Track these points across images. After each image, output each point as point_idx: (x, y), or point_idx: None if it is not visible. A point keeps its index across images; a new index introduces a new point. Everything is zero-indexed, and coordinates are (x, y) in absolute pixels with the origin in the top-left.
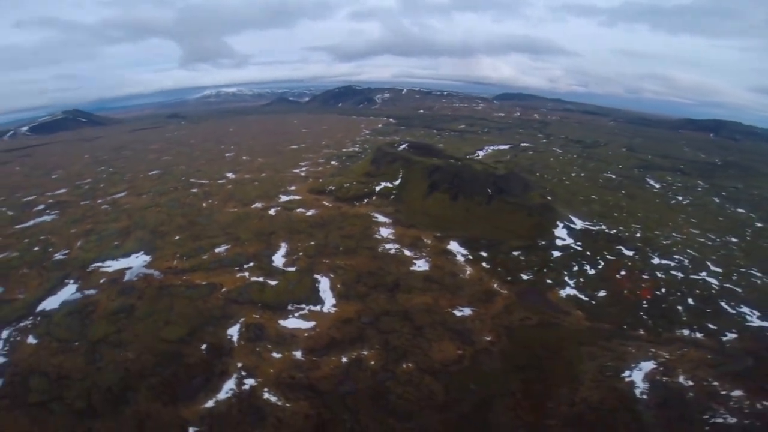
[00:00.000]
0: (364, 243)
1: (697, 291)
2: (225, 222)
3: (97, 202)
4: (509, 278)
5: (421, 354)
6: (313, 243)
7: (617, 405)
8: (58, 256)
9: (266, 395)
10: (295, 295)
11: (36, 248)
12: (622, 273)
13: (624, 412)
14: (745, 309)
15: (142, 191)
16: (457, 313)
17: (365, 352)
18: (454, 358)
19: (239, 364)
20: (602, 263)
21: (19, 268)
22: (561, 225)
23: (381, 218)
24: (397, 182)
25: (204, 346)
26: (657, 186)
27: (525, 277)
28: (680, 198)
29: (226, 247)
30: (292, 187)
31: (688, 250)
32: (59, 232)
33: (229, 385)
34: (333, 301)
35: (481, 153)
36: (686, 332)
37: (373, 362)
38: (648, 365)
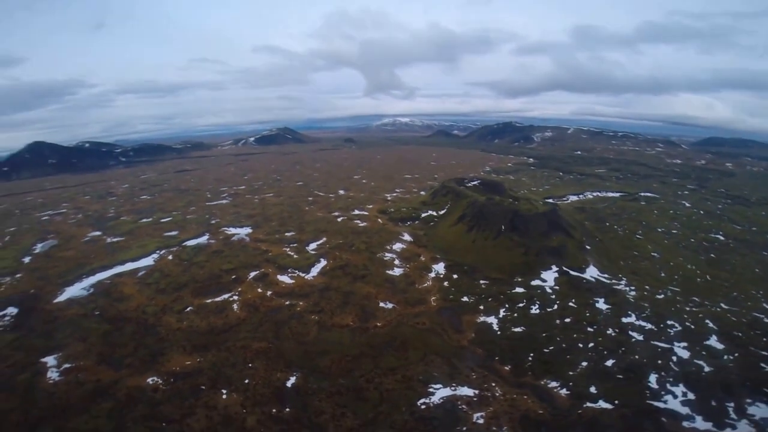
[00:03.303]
0: (373, 249)
1: (635, 357)
2: (307, 220)
3: (254, 197)
4: (451, 297)
5: (328, 315)
6: (341, 241)
7: (385, 398)
8: (212, 221)
9: (234, 306)
10: (298, 265)
11: (206, 216)
12: (566, 320)
13: (388, 407)
14: (678, 388)
15: (281, 194)
16: (381, 304)
17: (300, 303)
18: (343, 325)
19: (239, 289)
20: (556, 307)
21: (192, 223)
22: (555, 269)
23: (406, 236)
24: (442, 212)
25: (233, 277)
26: None
27: (464, 299)
28: None
29: (292, 233)
30: (370, 206)
31: (707, 321)
32: (222, 210)
33: (224, 296)
34: (315, 273)
35: (574, 197)
36: (553, 384)
37: (298, 309)
38: (466, 392)
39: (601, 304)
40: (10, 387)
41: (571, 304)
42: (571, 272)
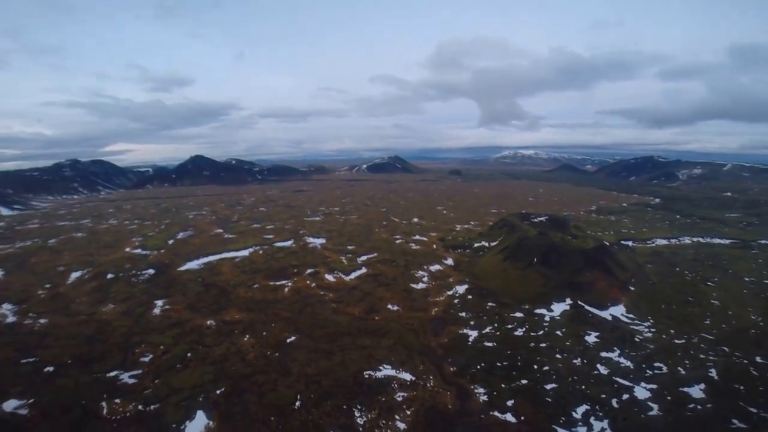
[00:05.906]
0: (410, 266)
1: (580, 387)
2: (370, 239)
3: (341, 218)
4: (451, 311)
5: (343, 305)
6: (387, 257)
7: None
8: (300, 232)
9: (285, 289)
10: (343, 269)
11: (298, 227)
12: (541, 344)
13: (341, 369)
14: (600, 424)
15: (362, 217)
16: (389, 306)
17: (330, 294)
18: (350, 313)
19: (294, 279)
20: (541, 333)
21: (285, 231)
22: (568, 302)
23: (449, 261)
24: (494, 243)
25: (295, 270)
26: None
27: (461, 314)
28: None
29: (351, 247)
30: (433, 233)
31: (711, 370)
32: (311, 224)
33: (282, 282)
34: (352, 277)
35: (662, 241)
36: (479, 390)
37: (326, 298)
38: (406, 376)
39: (591, 338)
40: (131, 315)
41: (558, 333)
42: (586, 307)
